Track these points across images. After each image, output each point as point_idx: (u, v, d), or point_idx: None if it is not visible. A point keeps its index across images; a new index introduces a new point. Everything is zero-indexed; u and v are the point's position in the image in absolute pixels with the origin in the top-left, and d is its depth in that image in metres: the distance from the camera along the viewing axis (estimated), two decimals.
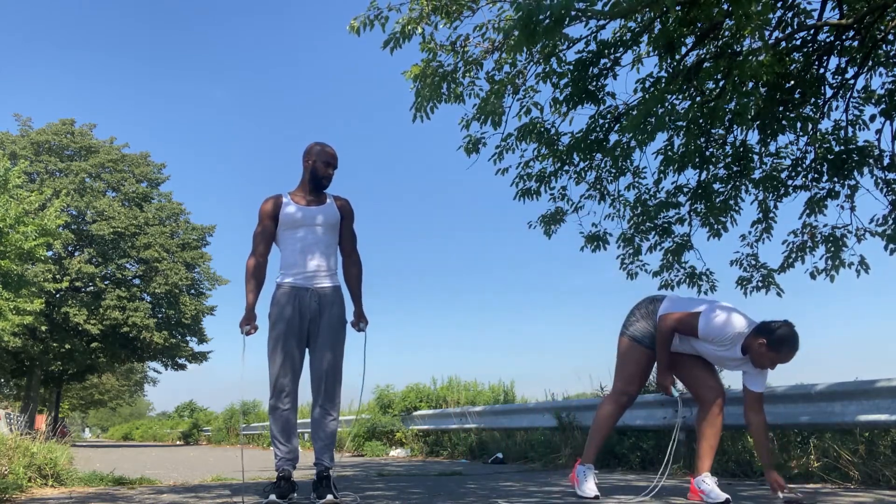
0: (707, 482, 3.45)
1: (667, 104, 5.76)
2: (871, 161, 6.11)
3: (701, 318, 3.41)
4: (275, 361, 3.43)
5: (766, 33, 5.32)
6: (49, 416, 8.18)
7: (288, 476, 3.41)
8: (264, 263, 3.63)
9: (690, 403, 5.73)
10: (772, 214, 6.68)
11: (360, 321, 3.65)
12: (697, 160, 6.24)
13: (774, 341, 3.30)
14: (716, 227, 6.55)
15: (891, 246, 6.11)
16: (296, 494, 3.42)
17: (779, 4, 5.67)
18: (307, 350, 3.51)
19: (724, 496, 3.31)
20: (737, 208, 6.60)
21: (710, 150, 6.41)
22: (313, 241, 3.52)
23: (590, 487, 3.47)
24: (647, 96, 5.60)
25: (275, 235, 3.62)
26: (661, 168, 6.39)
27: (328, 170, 3.60)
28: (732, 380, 5.15)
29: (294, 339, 3.44)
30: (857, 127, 6.24)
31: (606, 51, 5.62)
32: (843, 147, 6.13)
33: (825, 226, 6.48)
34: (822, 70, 5.95)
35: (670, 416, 5.82)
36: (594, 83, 5.79)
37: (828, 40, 5.80)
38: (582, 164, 6.59)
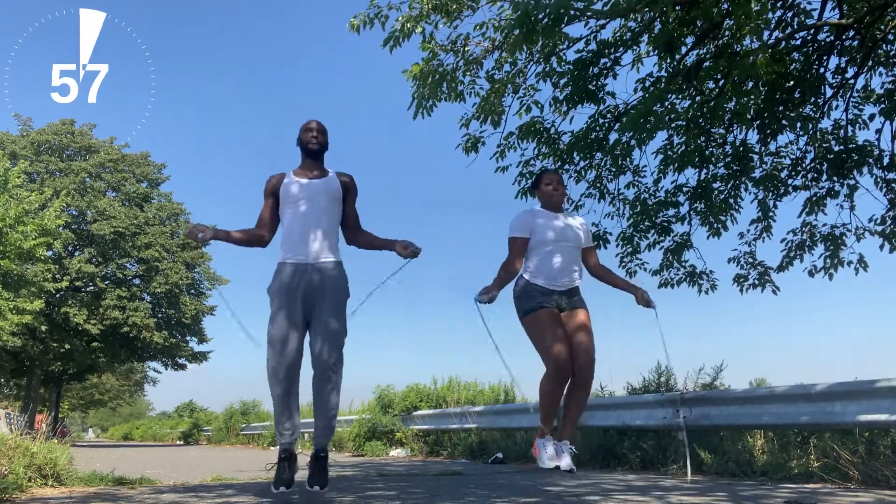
0: (546, 445, 3.64)
1: (667, 104, 5.77)
2: (870, 160, 6.12)
3: (508, 234, 3.90)
4: (273, 334, 3.32)
5: (766, 33, 5.33)
6: (49, 416, 8.17)
7: (290, 454, 3.36)
8: (264, 231, 3.59)
9: (691, 404, 5.74)
10: (771, 213, 6.69)
11: (404, 247, 3.53)
12: (697, 159, 6.24)
13: (534, 183, 4.10)
14: (715, 226, 6.56)
15: (889, 245, 6.12)
16: (296, 475, 3.38)
17: (779, 4, 5.67)
18: (308, 326, 3.39)
19: (552, 464, 3.54)
20: (736, 207, 6.61)
21: (710, 149, 6.42)
22: (314, 215, 3.46)
23: (549, 457, 3.58)
24: (646, 95, 5.61)
25: (278, 213, 3.58)
26: (661, 167, 6.39)
27: (309, 134, 3.55)
28: (732, 379, 5.14)
29: (293, 311, 3.34)
30: (857, 126, 6.25)
31: (606, 50, 5.63)
32: (842, 146, 6.13)
33: (824, 225, 6.49)
34: (822, 70, 5.95)
35: (670, 416, 5.82)
36: (594, 83, 5.80)
37: (828, 40, 5.81)
38: (582, 163, 6.60)
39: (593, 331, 3.74)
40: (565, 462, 3.54)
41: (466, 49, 5.63)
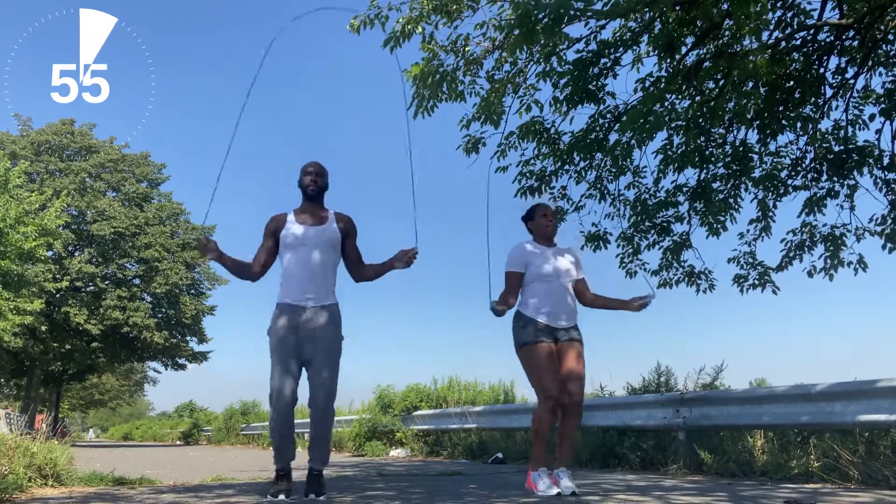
0: (542, 476, 3.72)
1: (666, 104, 5.77)
2: (870, 161, 6.12)
3: (505, 269, 4.01)
4: (273, 373, 3.56)
5: (766, 34, 5.33)
6: (49, 416, 8.17)
7: (286, 473, 3.60)
8: (255, 271, 3.76)
9: (691, 404, 5.75)
10: (771, 213, 6.68)
11: (400, 261, 3.71)
12: (697, 159, 6.24)
13: (527, 216, 4.15)
14: (715, 226, 6.55)
15: (889, 245, 6.12)
16: (292, 489, 3.59)
17: (779, 4, 5.67)
18: (304, 367, 3.62)
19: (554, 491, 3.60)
20: (736, 207, 6.60)
21: (710, 149, 6.41)
22: (312, 260, 3.62)
23: (548, 486, 3.65)
24: (646, 95, 5.61)
25: (276, 252, 3.74)
26: (661, 167, 6.39)
27: (308, 178, 3.72)
28: (732, 379, 5.15)
29: (290, 353, 3.55)
30: (857, 127, 6.24)
31: (606, 50, 5.62)
32: (842, 147, 6.13)
33: (824, 225, 6.48)
34: (822, 70, 5.95)
35: (670, 416, 5.83)
36: (594, 83, 5.79)
37: (828, 40, 5.80)
38: (582, 164, 6.59)
39: (585, 359, 3.89)
40: (565, 486, 3.61)
41: (467, 49, 5.63)
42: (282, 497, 3.44)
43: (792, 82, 5.84)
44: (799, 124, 6.19)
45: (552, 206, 4.49)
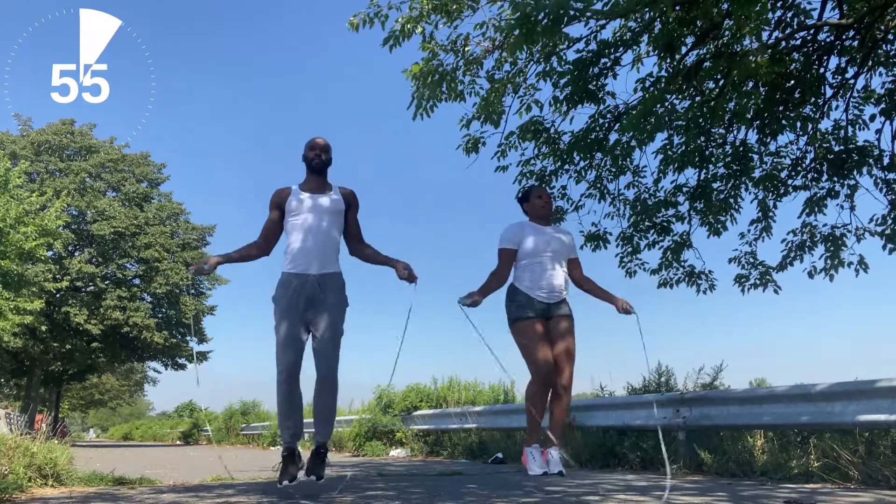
0: (534, 454, 3.83)
1: (666, 104, 5.77)
2: (870, 161, 6.12)
3: (498, 246, 4.05)
4: (278, 341, 3.57)
5: (766, 34, 5.33)
6: (49, 416, 8.16)
7: (292, 451, 3.58)
8: (261, 247, 3.82)
9: (691, 404, 5.74)
10: (771, 214, 6.69)
11: (404, 269, 3.72)
12: (697, 159, 6.25)
13: (523, 197, 4.22)
14: (715, 225, 6.56)
15: (889, 245, 6.12)
16: (302, 470, 3.56)
17: (779, 4, 5.67)
18: (310, 333, 3.61)
19: (540, 470, 3.72)
20: (736, 207, 6.61)
21: (710, 149, 6.42)
22: (316, 229, 3.65)
23: (538, 465, 3.76)
24: (646, 96, 5.61)
25: (281, 224, 3.77)
26: (661, 167, 6.40)
27: (313, 153, 3.77)
28: (732, 379, 5.14)
29: (295, 319, 3.55)
30: (857, 127, 6.25)
31: (606, 50, 5.63)
32: (842, 147, 6.13)
33: (825, 225, 6.49)
34: (822, 70, 5.95)
35: (670, 416, 5.82)
36: (594, 83, 5.80)
37: (828, 40, 5.80)
38: (582, 164, 6.60)
39: (576, 337, 3.91)
40: (554, 467, 3.64)
41: (466, 49, 5.63)
42: (286, 483, 3.44)
43: (792, 82, 5.84)
44: (799, 124, 6.19)
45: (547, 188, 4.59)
